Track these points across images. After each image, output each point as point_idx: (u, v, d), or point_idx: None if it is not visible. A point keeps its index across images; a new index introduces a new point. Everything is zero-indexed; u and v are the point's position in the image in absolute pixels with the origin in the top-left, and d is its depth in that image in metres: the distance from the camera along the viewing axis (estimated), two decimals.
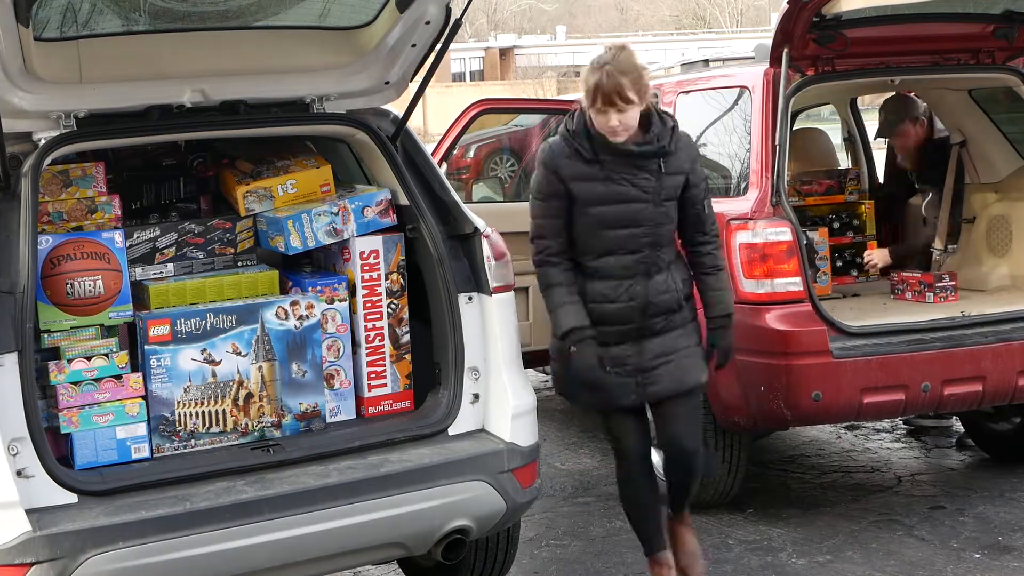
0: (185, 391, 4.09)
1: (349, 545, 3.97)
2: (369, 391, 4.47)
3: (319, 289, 4.39)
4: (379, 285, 4.47)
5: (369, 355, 4.46)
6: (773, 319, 5.23)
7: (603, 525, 5.68)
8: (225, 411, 4.15)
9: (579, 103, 4.26)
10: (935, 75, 6.05)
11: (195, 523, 3.68)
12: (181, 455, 4.07)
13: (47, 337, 4.00)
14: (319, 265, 4.65)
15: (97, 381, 3.97)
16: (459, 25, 4.27)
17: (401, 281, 4.51)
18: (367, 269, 4.46)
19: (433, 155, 5.46)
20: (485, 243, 4.33)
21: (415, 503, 3.98)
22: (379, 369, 4.48)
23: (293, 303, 4.24)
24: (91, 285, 4.03)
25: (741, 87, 5.77)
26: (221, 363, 4.14)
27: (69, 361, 3.96)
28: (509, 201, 8.14)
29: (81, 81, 4.07)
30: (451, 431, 4.24)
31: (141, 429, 4.02)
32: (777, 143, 5.37)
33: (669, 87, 6.40)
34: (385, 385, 4.49)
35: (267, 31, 4.29)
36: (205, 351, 4.11)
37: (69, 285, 4.00)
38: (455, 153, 7.32)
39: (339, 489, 3.89)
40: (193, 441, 4.11)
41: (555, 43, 69.48)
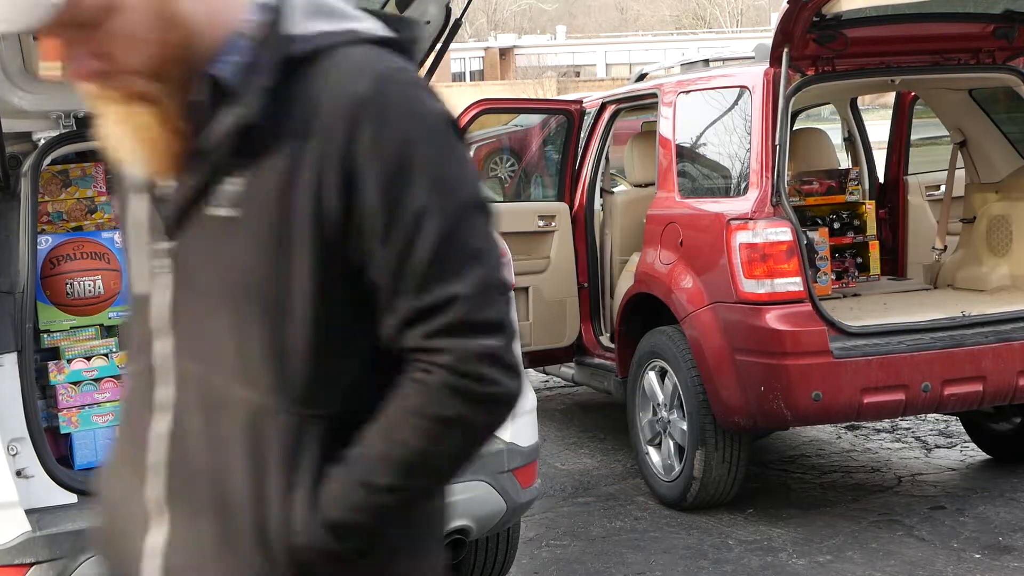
0: None
1: None
2: None
3: None
4: None
5: None
6: (773, 319, 5.23)
7: (603, 525, 5.68)
8: None
9: None
10: (935, 75, 6.05)
11: None
12: None
13: (47, 337, 3.99)
14: None
15: (97, 381, 3.97)
16: (459, 25, 4.26)
17: None
18: None
19: None
20: None
21: None
22: None
23: None
24: (91, 285, 4.03)
25: (741, 87, 5.77)
26: None
27: (69, 361, 3.95)
28: (509, 201, 8.15)
29: None
30: None
31: None
32: (777, 143, 5.37)
33: (669, 87, 6.40)
34: None
35: None
36: None
37: (69, 285, 4.00)
38: None
39: None
40: None
41: (555, 43, 69.52)
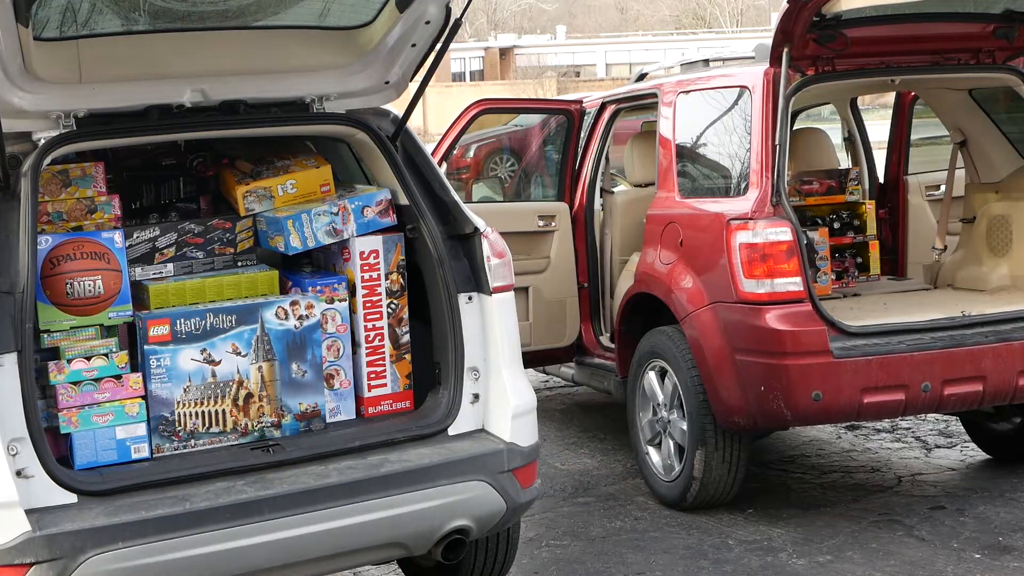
0: (185, 391, 4.09)
1: (349, 545, 3.97)
2: (369, 391, 4.46)
3: (319, 289, 4.39)
4: (379, 285, 4.47)
5: (369, 355, 4.46)
6: (773, 319, 5.23)
7: (603, 525, 5.68)
8: (225, 411, 4.15)
9: None
10: (935, 75, 6.05)
11: (195, 523, 3.68)
12: (181, 455, 4.07)
13: (47, 337, 3.99)
14: (319, 265, 4.65)
15: (97, 381, 3.97)
16: (459, 25, 4.26)
17: (401, 281, 4.51)
18: (367, 269, 4.46)
19: (433, 155, 5.46)
20: (485, 243, 4.33)
21: (415, 503, 3.98)
22: (379, 369, 4.47)
23: (293, 303, 4.24)
24: (91, 285, 4.03)
25: (741, 87, 5.77)
26: (221, 363, 4.13)
27: (69, 361, 3.96)
28: (509, 201, 8.15)
29: (81, 81, 4.07)
30: (451, 431, 4.23)
31: (141, 429, 4.02)
32: (777, 143, 5.37)
33: (669, 87, 6.40)
34: (385, 385, 4.49)
35: (267, 31, 4.29)
36: (205, 351, 4.11)
37: (69, 285, 4.00)
38: (455, 153, 7.31)
39: (339, 489, 3.89)
40: (193, 441, 4.11)
41: (555, 43, 69.50)
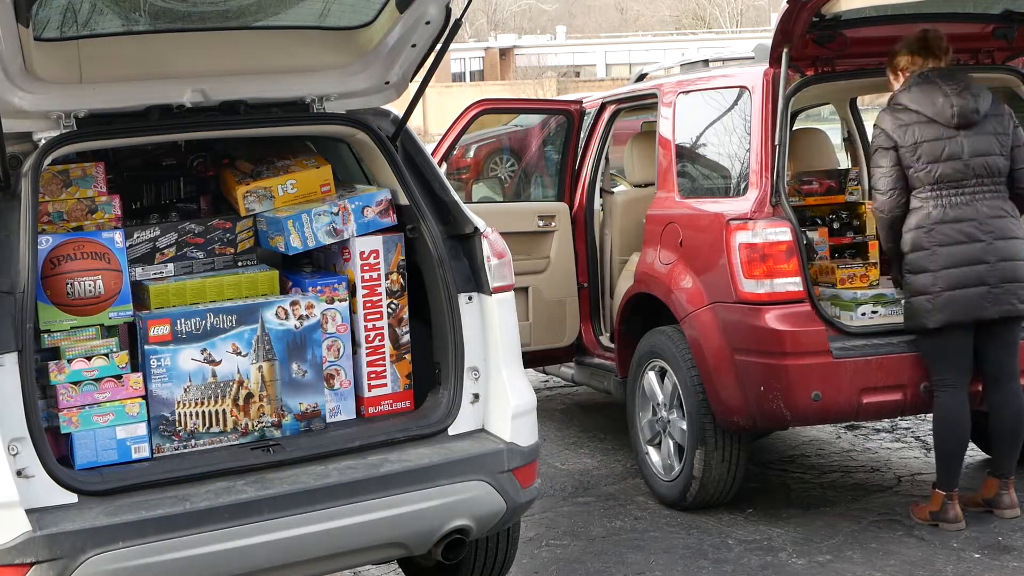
0: (185, 391, 4.09)
1: (349, 545, 3.98)
2: (369, 391, 4.47)
3: (319, 289, 4.39)
4: (379, 285, 4.47)
5: (369, 355, 4.46)
6: (772, 319, 5.23)
7: (603, 525, 5.68)
8: (225, 411, 4.15)
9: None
10: None
11: (195, 523, 3.68)
12: (181, 455, 4.07)
13: (47, 337, 4.00)
14: (319, 265, 4.65)
15: (97, 381, 3.97)
16: (459, 25, 4.27)
17: (401, 281, 4.51)
18: (367, 269, 4.46)
19: (433, 155, 5.46)
20: (485, 243, 4.33)
21: (415, 503, 3.98)
22: (379, 369, 4.48)
23: (293, 303, 4.24)
24: (91, 285, 4.03)
25: (741, 87, 5.77)
26: (221, 363, 4.14)
27: (69, 361, 3.96)
28: (509, 201, 8.14)
29: (81, 81, 4.07)
30: (451, 431, 4.23)
31: (141, 429, 4.02)
32: (777, 143, 5.38)
33: (669, 87, 6.40)
34: (385, 385, 4.49)
35: (267, 31, 4.29)
36: (205, 351, 4.11)
37: (69, 285, 4.00)
38: (455, 153, 7.31)
39: (339, 489, 3.89)
40: (193, 441, 4.11)
41: (555, 43, 69.51)
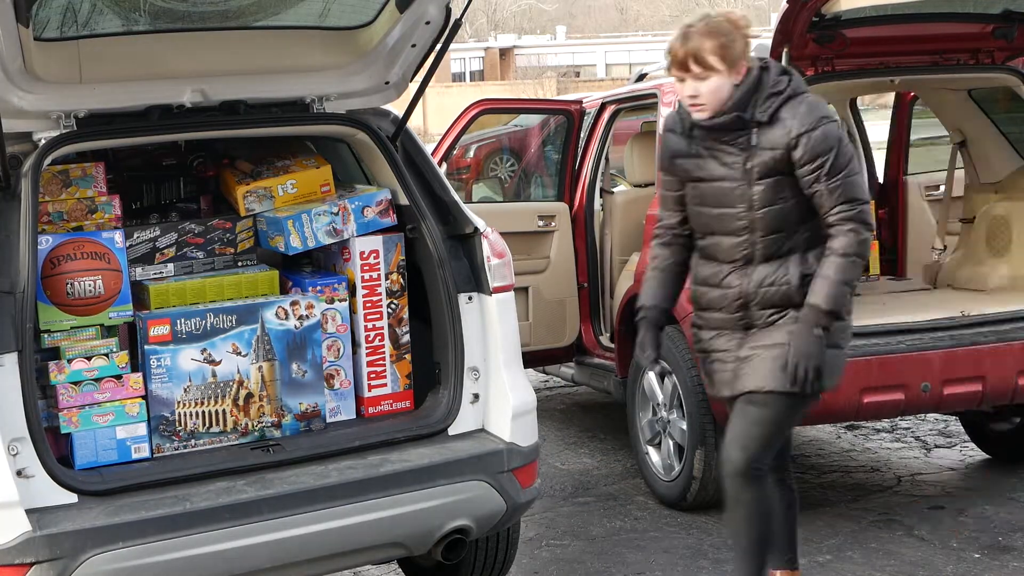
0: (185, 391, 4.09)
1: (349, 545, 3.98)
2: (369, 391, 4.47)
3: (319, 289, 4.39)
4: (379, 285, 4.47)
5: (369, 355, 4.46)
6: None
7: (603, 525, 5.68)
8: (225, 411, 4.15)
9: None
10: (935, 75, 6.04)
11: (195, 523, 3.68)
12: (181, 455, 4.07)
13: (47, 337, 4.00)
14: (319, 265, 4.65)
15: (97, 381, 3.97)
16: (459, 25, 4.27)
17: (401, 281, 4.51)
18: (367, 269, 4.46)
19: (433, 155, 5.46)
20: (485, 243, 4.33)
21: (415, 503, 3.98)
22: (379, 369, 4.48)
23: (293, 303, 4.24)
24: (91, 285, 4.03)
25: None
26: (221, 363, 4.14)
27: (69, 361, 3.96)
28: (509, 201, 8.15)
29: (81, 81, 4.07)
30: (451, 431, 4.24)
31: (141, 429, 4.02)
32: None
33: (669, 87, 6.39)
34: (385, 385, 4.49)
35: (267, 31, 4.29)
36: (205, 351, 4.11)
37: (69, 285, 4.00)
38: (455, 153, 7.31)
39: (339, 489, 3.89)
40: (193, 441, 4.11)
41: (555, 43, 69.51)
